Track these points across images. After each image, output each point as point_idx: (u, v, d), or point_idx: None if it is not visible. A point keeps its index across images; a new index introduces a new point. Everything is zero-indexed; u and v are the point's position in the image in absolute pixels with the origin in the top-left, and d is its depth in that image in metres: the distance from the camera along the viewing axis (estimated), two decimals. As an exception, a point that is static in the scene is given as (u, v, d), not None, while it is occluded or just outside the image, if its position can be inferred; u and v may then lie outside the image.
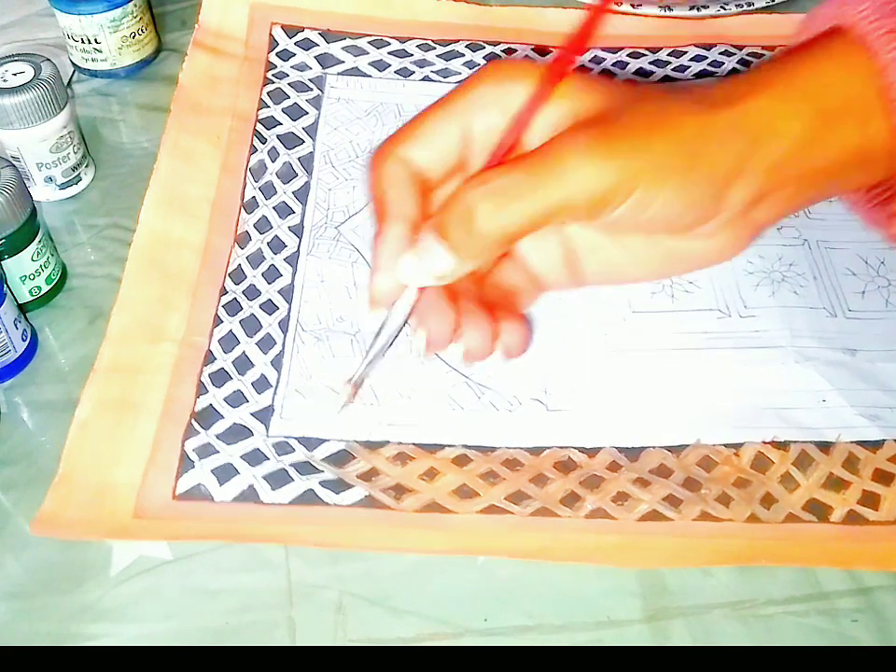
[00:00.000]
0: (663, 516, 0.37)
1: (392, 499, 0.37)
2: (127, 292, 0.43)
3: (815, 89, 0.34)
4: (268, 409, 0.40)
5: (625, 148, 0.32)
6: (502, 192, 0.32)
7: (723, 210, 0.33)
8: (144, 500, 0.37)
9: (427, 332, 0.35)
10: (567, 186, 0.31)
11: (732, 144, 0.32)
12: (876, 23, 0.34)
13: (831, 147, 0.34)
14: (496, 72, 0.35)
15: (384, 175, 0.35)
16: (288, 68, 0.55)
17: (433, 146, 0.35)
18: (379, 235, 0.35)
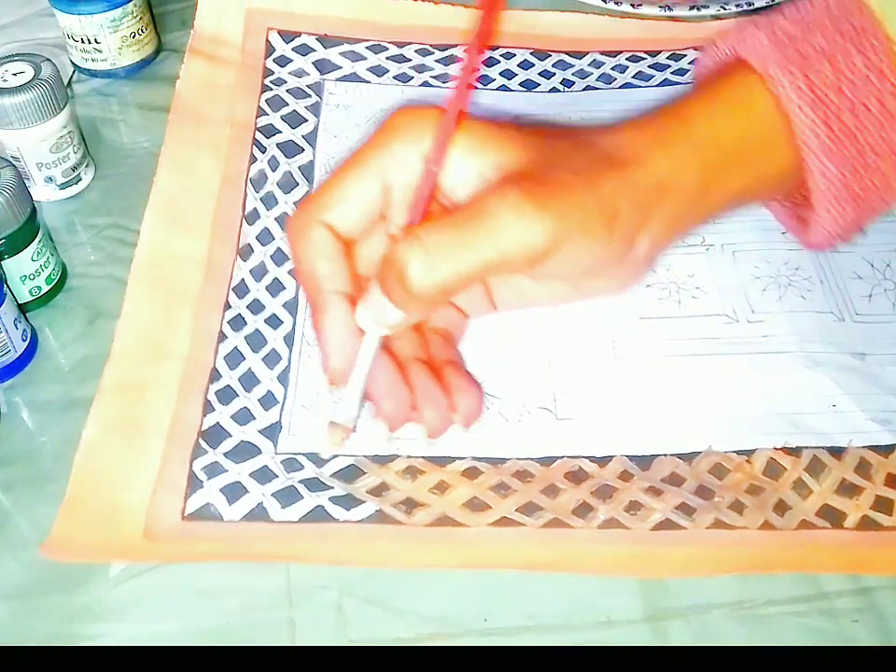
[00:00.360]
0: (676, 525, 0.37)
1: (403, 514, 0.37)
2: (130, 310, 0.43)
3: (708, 139, 0.37)
4: (275, 425, 0.40)
5: (557, 206, 0.34)
6: (434, 251, 0.33)
7: (632, 256, 0.37)
8: (153, 522, 0.36)
9: (384, 418, 0.37)
10: (500, 242, 0.33)
11: (638, 199, 0.36)
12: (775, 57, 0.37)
13: (723, 192, 0.39)
14: (406, 123, 0.36)
15: (309, 247, 0.36)
16: (286, 74, 0.55)
17: (354, 207, 0.36)
18: (320, 315, 0.36)
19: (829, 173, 0.37)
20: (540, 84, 0.55)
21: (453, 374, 0.38)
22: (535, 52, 0.57)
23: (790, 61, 0.37)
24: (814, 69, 0.37)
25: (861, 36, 0.37)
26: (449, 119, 0.34)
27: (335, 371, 0.36)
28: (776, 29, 0.38)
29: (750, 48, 0.38)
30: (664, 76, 0.55)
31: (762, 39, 0.38)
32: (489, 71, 0.55)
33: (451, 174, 0.35)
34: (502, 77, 0.55)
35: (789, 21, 0.38)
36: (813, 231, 0.41)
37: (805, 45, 0.37)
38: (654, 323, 0.43)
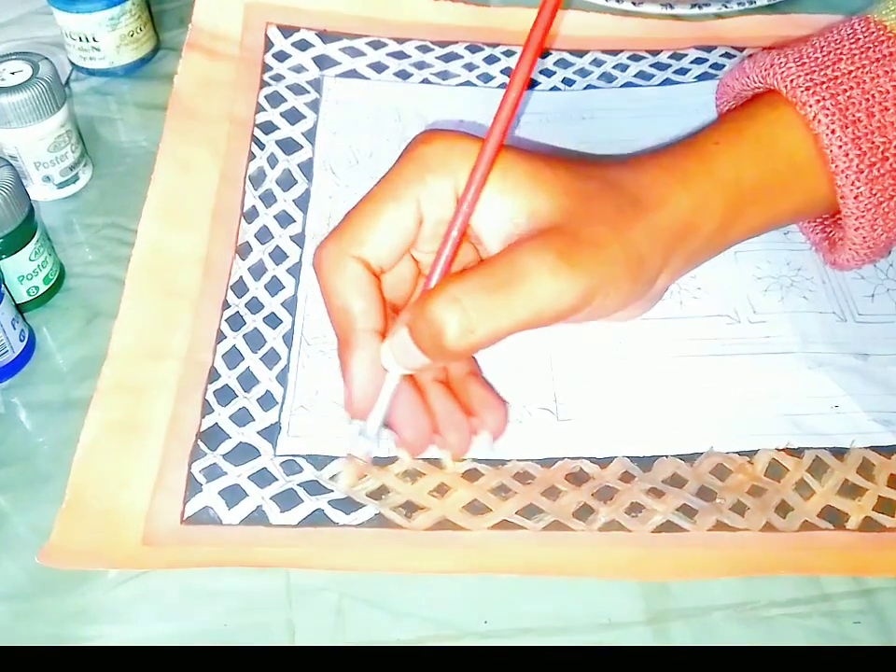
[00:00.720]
0: (678, 527, 0.36)
1: (403, 518, 0.37)
2: (128, 309, 0.42)
3: (731, 178, 0.38)
4: (274, 426, 0.39)
5: (589, 264, 0.34)
6: (472, 313, 0.33)
7: (650, 294, 0.38)
8: (152, 526, 0.36)
9: (406, 446, 0.37)
10: (534, 302, 0.34)
11: (663, 244, 0.36)
12: (803, 82, 0.38)
13: (745, 227, 0.40)
14: (439, 154, 0.36)
15: (344, 283, 0.36)
16: (285, 70, 0.54)
17: (388, 241, 0.36)
18: (349, 352, 0.36)
19: (861, 195, 0.38)
20: (541, 82, 0.55)
21: (476, 388, 0.38)
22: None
23: (818, 84, 0.38)
24: (843, 92, 0.37)
25: (889, 61, 0.38)
26: (486, 160, 0.34)
27: (358, 410, 0.36)
28: (803, 56, 0.39)
29: (778, 74, 0.39)
30: (665, 75, 0.55)
31: (789, 66, 0.39)
32: (490, 69, 0.55)
33: (482, 217, 0.35)
34: (503, 75, 0.55)
35: (815, 49, 0.39)
36: (841, 251, 0.41)
37: (833, 69, 0.38)
38: (656, 324, 0.43)
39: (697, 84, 0.54)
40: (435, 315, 0.33)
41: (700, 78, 0.55)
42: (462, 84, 0.55)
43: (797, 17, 0.59)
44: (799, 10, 0.59)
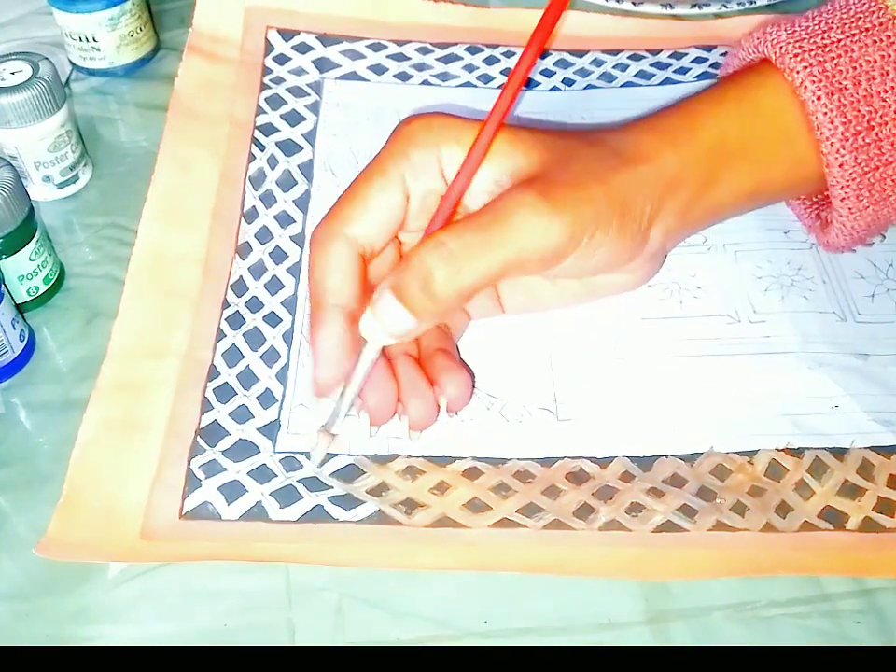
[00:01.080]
0: (678, 527, 0.36)
1: (403, 514, 0.37)
2: (127, 308, 0.42)
3: (714, 136, 0.39)
4: (274, 424, 0.39)
5: (570, 202, 0.35)
6: (458, 255, 0.33)
7: (646, 250, 0.38)
8: (150, 521, 0.36)
9: (369, 411, 0.37)
10: (519, 242, 0.34)
11: (649, 193, 0.37)
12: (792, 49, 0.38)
13: (733, 187, 0.40)
14: (422, 130, 0.36)
15: (324, 259, 0.36)
16: (285, 73, 0.55)
17: (377, 218, 0.36)
18: (317, 326, 0.36)
19: (846, 164, 0.38)
20: (541, 83, 0.55)
21: (441, 359, 0.38)
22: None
23: (806, 52, 0.38)
24: (830, 60, 0.38)
25: (878, 31, 0.38)
26: (491, 128, 0.35)
27: (322, 384, 0.36)
28: (795, 26, 0.39)
29: (768, 42, 0.39)
30: (665, 74, 0.55)
31: (780, 34, 0.39)
32: (489, 70, 0.55)
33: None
34: (503, 76, 0.55)
35: (808, 19, 0.40)
36: (832, 231, 0.41)
37: (823, 38, 0.38)
38: (656, 323, 0.43)
39: (697, 83, 0.54)
40: (421, 261, 0.33)
41: (700, 78, 0.55)
42: (462, 85, 0.55)
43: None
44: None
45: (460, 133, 0.36)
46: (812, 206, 0.44)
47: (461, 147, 0.35)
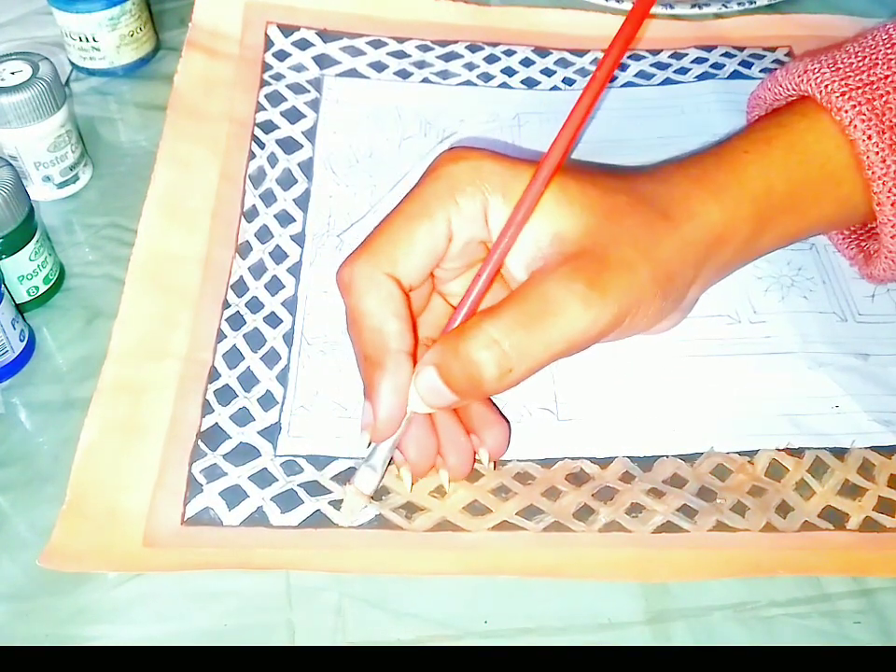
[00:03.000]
0: (678, 527, 0.36)
1: (403, 519, 0.36)
2: (128, 308, 0.42)
3: (761, 188, 0.38)
4: (275, 426, 0.39)
5: (619, 290, 0.34)
6: (508, 352, 0.33)
7: (680, 307, 0.38)
8: (153, 527, 0.36)
9: (411, 466, 0.37)
10: (568, 335, 0.34)
11: (694, 258, 0.36)
12: (838, 87, 0.38)
13: (777, 236, 0.39)
14: (475, 179, 0.35)
15: (377, 303, 0.35)
16: (285, 69, 0.54)
17: (421, 260, 0.36)
18: (380, 374, 0.34)
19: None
20: (542, 82, 0.55)
21: (479, 409, 0.38)
22: (536, 50, 0.56)
23: (853, 90, 0.37)
24: (879, 97, 0.37)
25: None
26: (536, 190, 0.34)
27: (382, 434, 0.35)
28: (837, 62, 0.39)
29: (812, 80, 0.38)
30: (665, 74, 0.55)
31: (823, 72, 0.38)
32: (490, 68, 0.55)
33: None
34: (503, 75, 0.55)
35: (850, 54, 0.39)
36: (877, 263, 0.41)
37: (869, 74, 0.38)
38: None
39: (698, 84, 0.54)
40: (471, 357, 0.33)
41: (700, 78, 0.55)
42: (462, 83, 0.55)
43: (797, 17, 0.59)
44: (799, 10, 0.59)
45: (508, 183, 0.35)
46: (853, 238, 0.44)
47: (507, 198, 0.35)
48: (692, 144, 0.46)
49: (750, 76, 0.54)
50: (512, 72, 0.55)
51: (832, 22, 0.58)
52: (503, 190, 0.35)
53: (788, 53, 0.56)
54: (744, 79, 0.54)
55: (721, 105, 0.53)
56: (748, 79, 0.54)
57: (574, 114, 0.35)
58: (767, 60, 0.55)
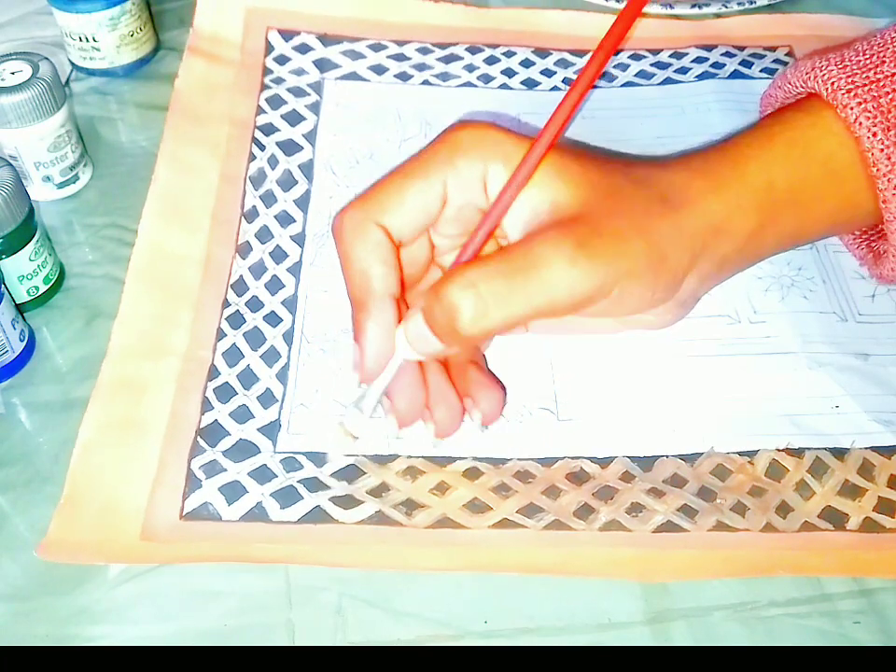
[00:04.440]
0: (678, 527, 0.36)
1: (403, 515, 0.37)
2: (127, 307, 0.42)
3: (763, 183, 0.37)
4: (274, 423, 0.39)
5: (607, 254, 0.34)
6: (487, 297, 0.33)
7: (677, 296, 0.37)
8: (151, 521, 0.36)
9: (397, 413, 0.37)
10: (550, 290, 0.33)
11: (689, 243, 0.36)
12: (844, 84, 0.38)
13: (779, 233, 0.39)
14: (472, 141, 0.36)
15: (365, 247, 0.36)
16: (286, 73, 0.55)
17: (413, 214, 0.36)
18: (364, 315, 0.36)
19: None
20: (542, 83, 0.55)
21: (474, 372, 0.38)
22: (536, 50, 0.56)
23: (859, 87, 0.37)
24: (885, 95, 0.37)
25: None
26: (535, 156, 0.34)
27: (369, 373, 0.36)
28: (845, 60, 0.39)
29: (819, 77, 0.38)
30: (665, 74, 0.55)
31: (830, 69, 0.38)
32: (490, 70, 0.55)
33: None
34: (503, 76, 0.55)
35: (858, 52, 0.39)
36: (885, 262, 0.41)
37: (876, 72, 0.37)
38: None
39: (698, 83, 0.54)
40: (450, 298, 0.33)
41: (701, 77, 0.55)
42: (462, 85, 0.55)
43: (797, 16, 0.59)
44: (799, 10, 0.59)
45: (509, 152, 0.35)
46: (863, 239, 0.44)
47: (508, 167, 0.35)
48: (692, 143, 0.46)
49: (751, 75, 0.55)
50: (513, 73, 0.55)
51: (832, 22, 0.58)
52: (504, 159, 0.35)
53: (788, 53, 0.56)
54: (744, 79, 0.54)
55: (721, 105, 0.53)
56: (748, 79, 0.54)
57: (577, 84, 0.34)
58: (767, 59, 0.55)
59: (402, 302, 0.37)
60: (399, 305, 0.36)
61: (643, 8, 0.34)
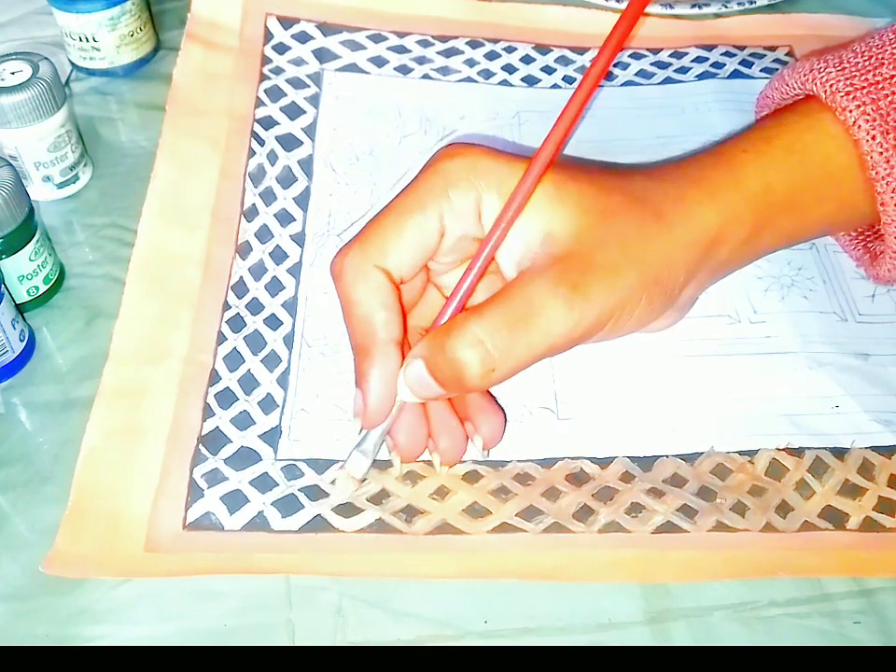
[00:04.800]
0: (678, 528, 0.36)
1: (403, 522, 0.36)
2: (128, 309, 0.42)
3: (759, 188, 0.37)
4: (275, 430, 0.39)
5: (602, 292, 0.34)
6: (492, 352, 0.33)
7: (673, 307, 0.38)
8: (154, 532, 0.36)
9: (400, 451, 0.37)
10: (550, 335, 0.34)
11: (686, 260, 0.36)
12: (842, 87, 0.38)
13: (775, 236, 0.39)
14: (470, 175, 0.35)
15: (368, 294, 0.35)
16: (285, 63, 0.54)
17: (412, 253, 0.36)
18: (369, 363, 0.35)
19: None
20: (542, 80, 0.55)
21: (475, 396, 0.38)
22: (537, 47, 0.56)
23: (858, 89, 0.37)
24: (884, 97, 0.37)
25: None
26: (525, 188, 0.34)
27: (372, 421, 0.36)
28: (843, 61, 0.38)
29: (817, 80, 0.38)
30: (666, 73, 0.55)
31: (829, 71, 0.38)
32: (490, 65, 0.55)
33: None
34: (504, 72, 0.55)
35: (856, 54, 0.39)
36: (883, 263, 0.41)
37: (874, 74, 0.37)
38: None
39: (698, 83, 0.54)
40: (456, 355, 0.33)
41: (701, 77, 0.55)
42: (463, 80, 0.55)
43: (797, 16, 0.58)
44: (799, 10, 0.59)
45: (503, 180, 0.35)
46: (860, 239, 0.44)
47: (501, 194, 0.35)
48: (692, 143, 0.46)
49: (751, 75, 0.54)
50: (513, 69, 0.55)
51: (832, 22, 0.58)
52: (498, 187, 0.35)
53: (788, 53, 0.56)
54: (744, 79, 0.54)
55: (721, 105, 0.53)
56: (748, 79, 0.54)
57: (567, 110, 0.35)
58: (768, 59, 0.55)
59: (405, 343, 0.36)
60: (403, 349, 0.36)
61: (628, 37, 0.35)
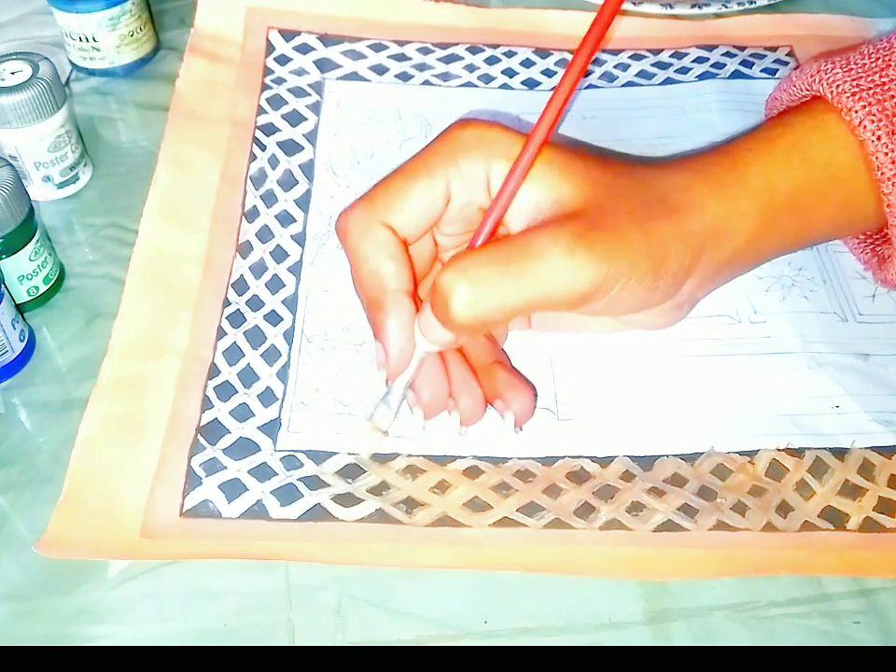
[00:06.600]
0: (678, 526, 0.36)
1: (403, 514, 0.37)
2: (128, 306, 0.42)
3: (764, 187, 0.37)
4: (275, 422, 0.39)
5: (607, 251, 0.34)
6: (478, 284, 0.33)
7: (675, 299, 0.38)
8: (151, 519, 0.36)
9: (422, 405, 0.37)
10: (545, 281, 0.33)
11: (689, 246, 0.36)
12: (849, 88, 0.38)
13: (781, 236, 0.39)
14: (474, 139, 0.36)
15: (374, 247, 0.36)
16: (286, 73, 0.55)
17: (418, 213, 0.36)
18: (383, 314, 0.36)
19: None
20: (542, 83, 0.55)
21: (502, 373, 0.38)
22: (537, 50, 0.56)
23: (864, 90, 0.37)
24: (890, 98, 0.37)
25: None
26: (529, 157, 0.34)
27: (395, 370, 0.36)
28: (850, 63, 0.39)
29: (824, 80, 0.38)
30: (666, 74, 0.55)
31: (835, 72, 0.38)
32: (490, 70, 0.55)
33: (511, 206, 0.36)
34: (504, 76, 0.55)
35: (864, 56, 0.39)
36: (891, 267, 0.41)
37: (881, 76, 0.38)
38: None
39: (698, 83, 0.54)
40: (443, 284, 0.33)
41: (701, 77, 0.55)
42: (463, 85, 0.55)
43: (798, 16, 0.59)
44: (799, 10, 0.59)
45: (512, 150, 0.35)
46: (867, 243, 0.44)
47: (510, 164, 0.35)
48: (692, 144, 0.46)
49: (751, 75, 0.55)
50: (513, 73, 0.55)
51: (832, 22, 0.58)
52: (507, 156, 0.35)
53: (789, 53, 0.56)
54: (745, 79, 0.54)
55: (721, 105, 0.53)
56: (748, 79, 0.54)
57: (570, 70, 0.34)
58: (768, 59, 0.56)
59: (416, 298, 0.37)
60: (415, 300, 0.36)
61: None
